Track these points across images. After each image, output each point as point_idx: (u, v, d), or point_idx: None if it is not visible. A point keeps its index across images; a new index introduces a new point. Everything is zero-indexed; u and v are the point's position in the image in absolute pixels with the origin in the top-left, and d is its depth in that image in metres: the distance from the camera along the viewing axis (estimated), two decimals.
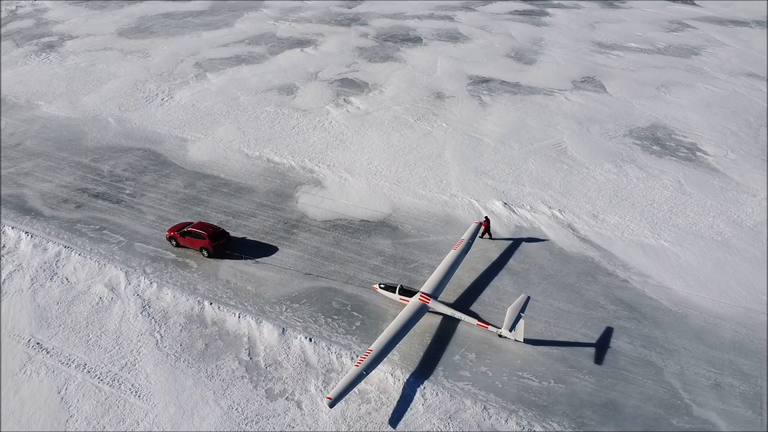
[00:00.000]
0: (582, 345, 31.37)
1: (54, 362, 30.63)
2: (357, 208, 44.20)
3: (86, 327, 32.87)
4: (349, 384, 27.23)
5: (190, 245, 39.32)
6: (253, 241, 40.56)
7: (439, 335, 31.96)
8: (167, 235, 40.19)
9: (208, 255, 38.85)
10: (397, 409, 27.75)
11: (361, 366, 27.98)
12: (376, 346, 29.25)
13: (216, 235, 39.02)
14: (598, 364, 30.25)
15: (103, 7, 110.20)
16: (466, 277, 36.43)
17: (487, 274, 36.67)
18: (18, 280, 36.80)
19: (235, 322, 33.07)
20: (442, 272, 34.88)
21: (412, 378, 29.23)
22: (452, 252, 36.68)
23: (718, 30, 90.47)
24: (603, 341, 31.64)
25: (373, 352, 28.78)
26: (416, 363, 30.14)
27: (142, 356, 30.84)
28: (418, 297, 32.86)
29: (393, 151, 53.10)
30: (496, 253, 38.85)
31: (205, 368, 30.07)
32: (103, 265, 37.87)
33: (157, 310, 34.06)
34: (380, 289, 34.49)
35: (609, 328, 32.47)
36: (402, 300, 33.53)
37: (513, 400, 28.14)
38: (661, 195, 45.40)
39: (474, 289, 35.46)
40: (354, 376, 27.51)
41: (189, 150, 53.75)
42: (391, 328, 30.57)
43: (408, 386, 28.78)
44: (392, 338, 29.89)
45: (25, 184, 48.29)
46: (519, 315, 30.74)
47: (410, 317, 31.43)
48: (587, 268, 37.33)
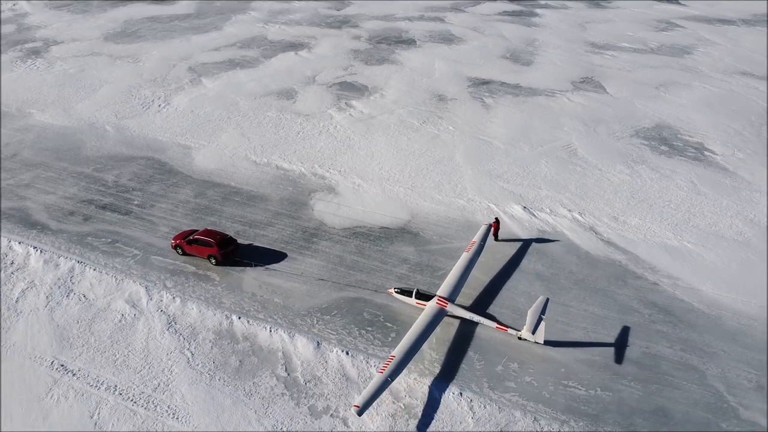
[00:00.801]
0: (601, 345, 31.31)
1: (82, 385, 29.33)
2: (375, 215, 43.46)
3: (111, 346, 31.59)
4: (375, 391, 26.78)
5: (197, 253, 38.25)
6: (261, 247, 39.75)
7: (476, 344, 31.37)
8: (172, 243, 39.10)
9: (216, 263, 37.84)
10: (445, 423, 27.09)
11: (385, 372, 27.56)
12: (399, 352, 28.81)
13: (224, 242, 38.04)
14: (618, 363, 30.23)
15: (85, 11, 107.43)
16: (496, 282, 35.92)
17: (517, 280, 36.24)
18: (32, 298, 35.30)
19: (267, 336, 32.11)
20: (457, 275, 34.52)
21: (456, 390, 28.60)
22: (465, 254, 36.33)
23: (707, 29, 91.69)
24: (621, 341, 31.62)
25: (396, 358, 28.35)
26: (458, 375, 29.51)
27: (175, 375, 29.70)
28: (436, 301, 32.44)
29: (403, 156, 52.45)
30: (521, 258, 38.43)
31: (242, 386, 29.07)
32: (120, 281, 36.54)
33: (184, 326, 32.91)
34: (396, 294, 34.06)
35: (626, 327, 32.44)
36: (419, 304, 33.10)
37: (562, 410, 27.71)
38: (677, 196, 45.51)
39: (505, 295, 34.98)
40: (380, 383, 27.08)
41: (194, 158, 52.42)
42: (411, 334, 30.11)
43: (454, 399, 28.15)
44: (414, 344, 29.45)
45: (27, 197, 46.54)
46: (540, 317, 30.56)
47: (430, 322, 31.05)
48: (616, 271, 37.13)
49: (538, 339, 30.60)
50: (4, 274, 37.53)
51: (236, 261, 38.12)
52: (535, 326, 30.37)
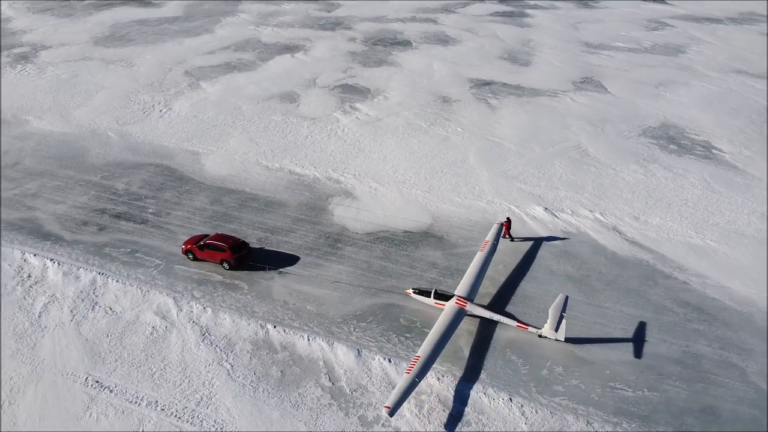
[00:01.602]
0: (620, 340, 31.70)
1: (121, 402, 28.45)
2: (396, 219, 43.11)
3: (146, 360, 30.73)
4: (404, 392, 26.86)
5: (209, 258, 37.69)
6: (271, 250, 39.45)
7: (518, 348, 31.21)
8: (183, 248, 38.50)
9: (229, 267, 37.28)
10: (498, 429, 26.85)
11: (412, 373, 27.63)
12: (423, 352, 28.91)
13: (237, 246, 37.59)
14: (638, 357, 30.56)
15: (69, 14, 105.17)
16: (529, 287, 35.87)
17: (548, 283, 36.18)
18: (56, 312, 34.21)
19: (305, 345, 31.55)
20: (473, 275, 34.66)
21: (505, 395, 28.39)
22: (479, 254, 36.50)
23: (697, 28, 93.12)
24: (638, 335, 31.98)
25: (422, 359, 28.43)
26: (505, 380, 29.30)
27: (217, 388, 29.00)
28: (455, 301, 32.50)
29: (415, 158, 52.19)
30: (549, 260, 38.43)
31: (287, 397, 28.50)
32: (146, 292, 35.63)
33: (219, 337, 32.18)
34: (414, 294, 34.10)
35: (642, 323, 32.79)
36: (437, 304, 33.16)
37: (613, 412, 27.68)
38: (693, 194, 45.97)
39: (540, 298, 34.84)
40: (408, 384, 27.15)
41: (204, 164, 51.49)
42: (434, 334, 30.18)
43: (504, 405, 27.93)
44: (437, 344, 29.56)
45: (36, 207, 45.22)
46: (561, 315, 30.74)
47: (451, 322, 31.16)
48: (645, 271, 37.30)
49: (559, 337, 30.76)
50: (22, 288, 36.33)
51: (249, 265, 37.62)
52: (557, 324, 30.52)
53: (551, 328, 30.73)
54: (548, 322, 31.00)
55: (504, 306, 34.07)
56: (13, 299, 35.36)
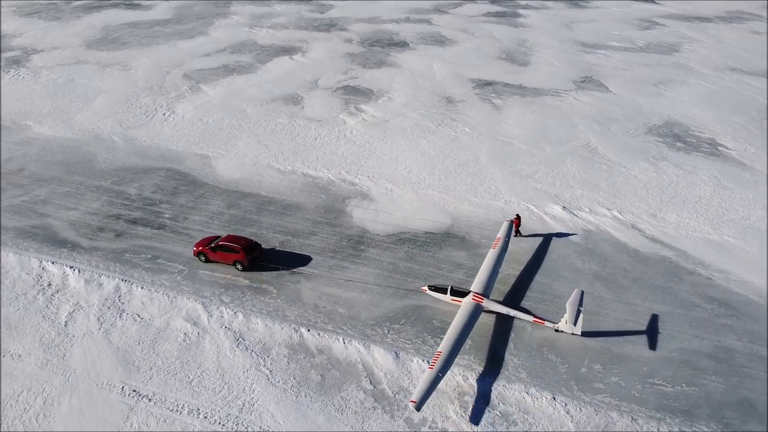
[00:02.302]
0: (634, 333, 32.20)
1: (161, 410, 28.02)
2: (416, 220, 43.10)
3: (182, 367, 30.31)
4: (429, 386, 27.19)
5: (222, 260, 37.55)
6: (282, 251, 39.49)
7: (555, 347, 31.37)
8: (195, 250, 38.34)
9: (242, 269, 37.16)
10: (545, 428, 26.97)
11: (435, 368, 27.97)
12: (445, 348, 29.26)
13: (249, 247, 37.57)
14: (653, 349, 31.11)
15: (58, 18, 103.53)
16: (557, 285, 36.07)
17: (575, 281, 36.35)
18: (82, 321, 33.59)
19: (342, 348, 31.38)
20: (488, 271, 35.08)
21: (548, 394, 28.52)
22: (492, 251, 36.88)
23: (688, 27, 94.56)
24: (652, 328, 32.50)
25: (444, 354, 28.80)
26: (546, 379, 29.44)
27: (258, 394, 28.71)
28: (471, 297, 32.92)
29: (427, 159, 52.24)
30: (574, 258, 38.70)
31: (331, 401, 28.31)
32: (173, 298, 35.16)
33: (254, 341, 31.87)
34: (430, 291, 34.47)
35: (655, 315, 33.35)
36: (454, 301, 33.54)
37: (655, 408, 27.95)
38: (705, 191, 46.64)
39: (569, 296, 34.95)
40: (432, 379, 27.52)
41: (216, 167, 51.00)
42: (454, 330, 30.56)
43: (548, 404, 28.05)
44: (458, 339, 30.02)
45: (48, 213, 44.37)
46: (579, 309, 31.17)
47: (469, 318, 31.58)
48: (668, 268, 37.75)
49: (576, 331, 31.23)
50: (43, 296, 35.62)
51: (262, 265, 37.57)
52: (575, 318, 30.97)
53: (569, 322, 31.14)
54: (565, 316, 31.38)
55: (535, 305, 34.15)
56: (35, 308, 34.65)
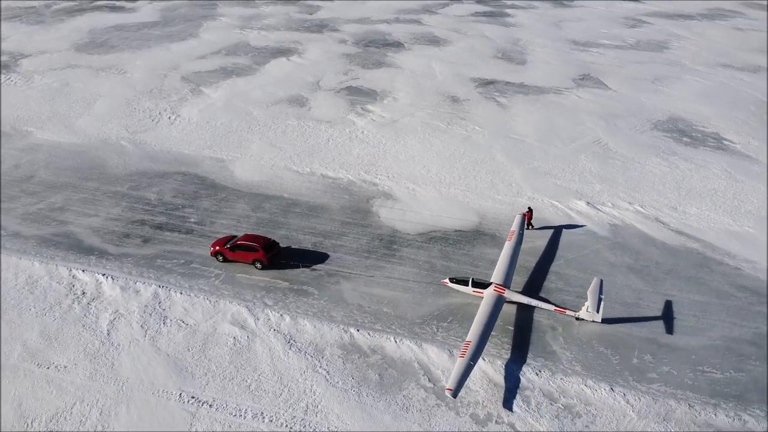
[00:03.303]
0: (651, 319, 33.31)
1: (224, 416, 27.72)
2: (443, 219, 43.38)
3: (237, 372, 30.02)
4: (462, 374, 28.02)
5: (241, 259, 37.69)
6: (297, 248, 39.73)
7: (604, 339, 31.94)
8: (212, 251, 38.40)
9: (261, 267, 37.34)
10: (608, 419, 27.48)
11: (467, 357, 28.76)
12: (473, 337, 30.05)
13: (268, 246, 37.82)
14: (670, 333, 32.09)
15: (40, 21, 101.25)
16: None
17: (612, 275, 37.04)
18: (125, 329, 32.99)
19: (394, 347, 31.46)
20: (506, 263, 36.03)
21: (606, 386, 29.04)
22: (508, 243, 37.86)
23: (673, 24, 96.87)
24: (667, 313, 33.58)
25: (473, 344, 29.60)
26: (601, 371, 29.96)
27: (320, 396, 28.60)
28: (493, 288, 33.74)
29: (443, 158, 52.59)
30: (606, 253, 39.39)
31: (393, 400, 28.37)
32: (215, 302, 34.78)
33: (305, 343, 31.73)
34: (451, 283, 35.23)
35: (668, 301, 34.47)
36: (475, 292, 34.33)
37: (709, 394, 28.69)
38: (718, 184, 47.93)
39: (607, 290, 35.55)
40: (464, 367, 28.33)
41: (233, 171, 50.55)
42: (479, 320, 31.39)
43: (608, 395, 28.58)
44: (485, 329, 30.85)
45: (68, 221, 43.42)
46: (600, 297, 32.16)
47: (493, 309, 32.46)
48: (697, 259, 38.72)
49: (597, 318, 32.23)
50: (79, 305, 34.86)
51: (282, 264, 37.85)
52: (597, 306, 31.91)
53: (591, 309, 32.03)
54: (587, 304, 32.22)
55: (576, 300, 34.64)
56: (72, 318, 33.90)
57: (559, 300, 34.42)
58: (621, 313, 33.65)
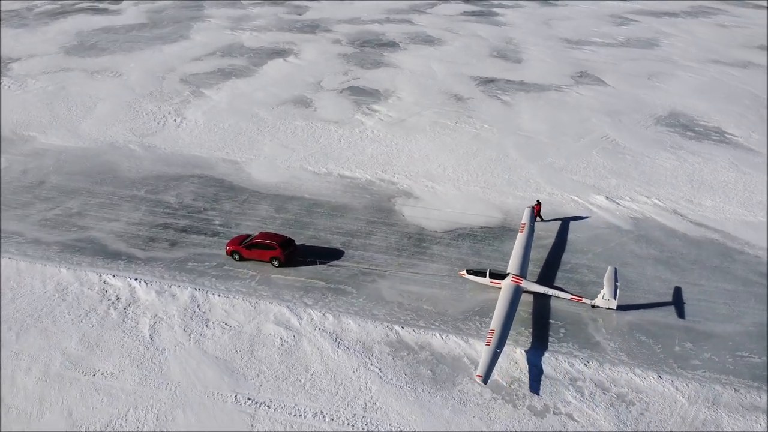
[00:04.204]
0: (663, 305, 34.49)
1: (284, 416, 27.69)
2: (468, 216, 43.84)
3: (289, 372, 30.01)
4: (490, 361, 28.87)
5: (258, 257, 37.96)
6: (313, 246, 40.15)
7: (643, 328, 32.73)
8: (228, 249, 38.55)
9: (279, 264, 37.67)
10: (661, 405, 28.20)
11: (492, 345, 29.63)
12: (496, 326, 30.91)
13: (285, 243, 38.16)
14: (682, 318, 33.32)
15: (24, 25, 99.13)
16: (626, 271, 37.30)
17: (641, 266, 37.96)
18: (167, 333, 32.67)
19: (441, 343, 31.78)
20: (521, 254, 37.01)
21: (653, 374, 29.79)
22: (520, 235, 38.82)
23: (659, 22, 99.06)
24: (677, 299, 34.91)
25: (497, 332, 30.44)
26: (646, 360, 30.70)
27: (376, 392, 28.77)
28: (511, 279, 34.62)
29: (457, 156, 53.08)
30: (632, 245, 40.24)
31: (450, 395, 28.67)
32: (255, 304, 34.67)
33: (352, 341, 31.85)
34: (468, 275, 35.98)
35: (678, 287, 35.63)
36: (493, 283, 35.14)
37: (751, 378, 29.63)
38: (728, 176, 49.30)
39: (639, 281, 36.55)
40: (492, 354, 29.19)
41: (250, 172, 50.32)
42: (500, 310, 32.22)
43: (657, 383, 29.32)
44: (507, 318, 31.67)
45: (88, 226, 42.75)
46: (616, 285, 33.32)
47: (513, 299, 33.34)
48: (719, 249, 39.86)
49: (612, 305, 33.16)
50: (115, 311, 34.41)
51: (299, 261, 38.19)
52: (614, 293, 32.96)
53: (608, 297, 32.96)
54: (603, 291, 33.17)
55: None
56: (111, 323, 33.45)
57: (594, 293, 35.03)
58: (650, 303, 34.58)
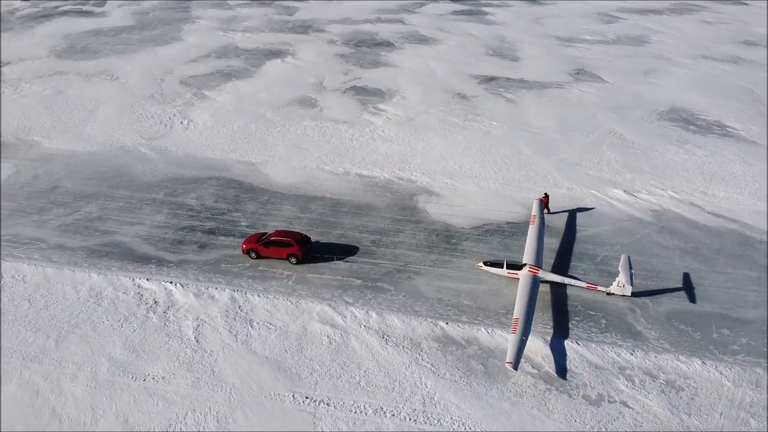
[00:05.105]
0: (674, 290, 35.70)
1: (346, 414, 27.78)
2: (492, 212, 44.40)
3: (342, 369, 30.12)
4: (518, 349, 29.82)
5: (275, 255, 38.22)
6: (326, 243, 40.56)
7: (681, 318, 33.58)
8: (244, 248, 38.70)
9: (296, 261, 37.96)
10: (709, 390, 29.03)
11: (518, 333, 30.60)
12: (520, 314, 31.79)
13: (302, 240, 38.47)
14: (693, 302, 34.60)
15: (8, 29, 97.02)
16: (656, 263, 38.31)
17: (669, 257, 38.88)
18: (212, 335, 32.49)
19: (487, 337, 32.19)
20: (534, 245, 38.00)
21: (698, 360, 30.64)
22: (532, 227, 39.82)
23: (645, 20, 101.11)
24: (687, 284, 36.20)
25: (521, 320, 31.39)
26: (688, 347, 31.53)
27: (432, 387, 29.04)
28: (528, 269, 35.58)
29: (471, 153, 53.62)
30: (657, 237, 41.13)
31: (505, 388, 29.08)
32: (297, 303, 34.68)
33: (399, 338, 32.08)
34: (485, 267, 36.86)
35: (686, 274, 37.02)
36: (510, 274, 36.12)
37: None
38: (736, 168, 50.70)
39: (669, 272, 37.42)
40: (519, 342, 30.17)
41: (267, 173, 50.15)
42: (522, 299, 33.09)
43: (702, 368, 30.15)
44: (528, 307, 32.55)
45: (112, 230, 42.19)
46: (630, 272, 34.54)
47: (532, 287, 34.33)
48: (739, 238, 41.05)
49: (627, 292, 34.33)
50: (155, 315, 34.08)
51: (316, 257, 38.62)
52: (630, 280, 34.15)
53: (623, 284, 34.11)
54: (618, 279, 34.32)
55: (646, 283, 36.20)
56: (152, 327, 33.13)
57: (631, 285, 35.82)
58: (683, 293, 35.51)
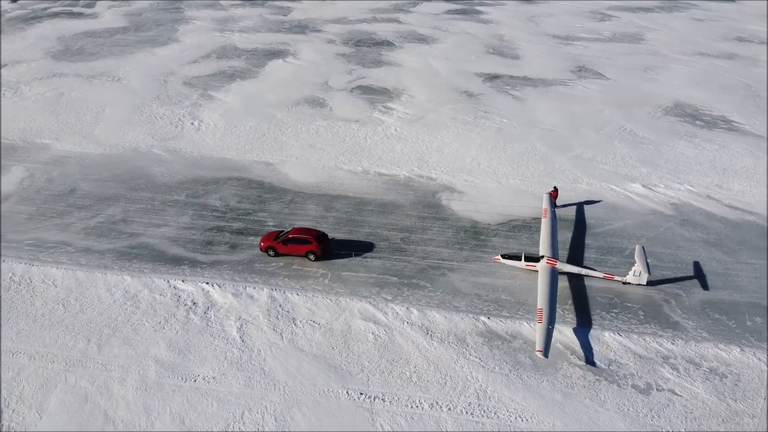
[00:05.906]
0: (686, 279, 36.75)
1: (402, 409, 27.98)
2: (516, 207, 44.92)
3: (392, 365, 30.32)
4: (546, 337, 30.51)
5: (294, 252, 38.51)
6: (342, 239, 40.62)
7: (715, 307, 34.38)
8: (262, 246, 38.88)
9: (315, 258, 38.26)
10: (748, 374, 29.82)
11: (544, 322, 31.35)
12: (543, 305, 32.59)
13: (320, 237, 38.80)
14: (706, 289, 35.69)
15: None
16: (681, 254, 39.18)
17: (693, 249, 39.79)
18: (257, 334, 32.45)
19: (531, 332, 32.56)
20: (549, 237, 38.79)
21: (735, 347, 31.43)
22: (544, 220, 40.66)
23: (637, 17, 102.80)
24: (698, 273, 37.26)
25: (545, 310, 32.17)
26: (724, 336, 32.33)
27: (483, 381, 29.37)
28: (546, 261, 36.38)
29: (487, 150, 54.11)
30: (680, 230, 42.04)
31: (556, 380, 29.53)
32: (337, 301, 34.79)
33: (444, 333, 32.37)
34: (504, 259, 37.61)
35: (696, 262, 38.09)
36: (528, 266, 36.89)
37: None
38: (746, 162, 51.92)
39: (698, 265, 38.22)
40: (545, 331, 30.87)
41: (287, 173, 50.07)
42: (544, 290, 33.83)
43: (741, 355, 30.96)
44: (551, 297, 33.35)
45: (138, 232, 41.83)
46: (646, 261, 35.54)
47: (552, 279, 35.11)
48: (758, 230, 42.12)
49: (642, 281, 35.30)
50: (195, 315, 33.91)
51: (334, 253, 38.94)
52: (647, 269, 35.11)
53: (639, 273, 35.06)
54: (634, 268, 35.28)
55: (675, 275, 37.03)
56: (195, 328, 32.97)
57: (659, 276, 36.59)
58: (715, 283, 36.33)
